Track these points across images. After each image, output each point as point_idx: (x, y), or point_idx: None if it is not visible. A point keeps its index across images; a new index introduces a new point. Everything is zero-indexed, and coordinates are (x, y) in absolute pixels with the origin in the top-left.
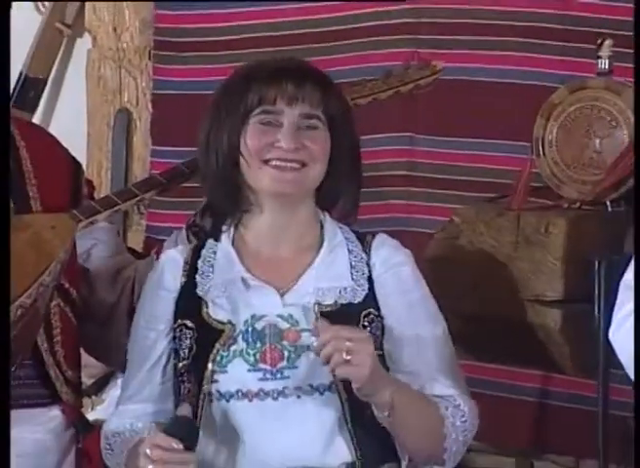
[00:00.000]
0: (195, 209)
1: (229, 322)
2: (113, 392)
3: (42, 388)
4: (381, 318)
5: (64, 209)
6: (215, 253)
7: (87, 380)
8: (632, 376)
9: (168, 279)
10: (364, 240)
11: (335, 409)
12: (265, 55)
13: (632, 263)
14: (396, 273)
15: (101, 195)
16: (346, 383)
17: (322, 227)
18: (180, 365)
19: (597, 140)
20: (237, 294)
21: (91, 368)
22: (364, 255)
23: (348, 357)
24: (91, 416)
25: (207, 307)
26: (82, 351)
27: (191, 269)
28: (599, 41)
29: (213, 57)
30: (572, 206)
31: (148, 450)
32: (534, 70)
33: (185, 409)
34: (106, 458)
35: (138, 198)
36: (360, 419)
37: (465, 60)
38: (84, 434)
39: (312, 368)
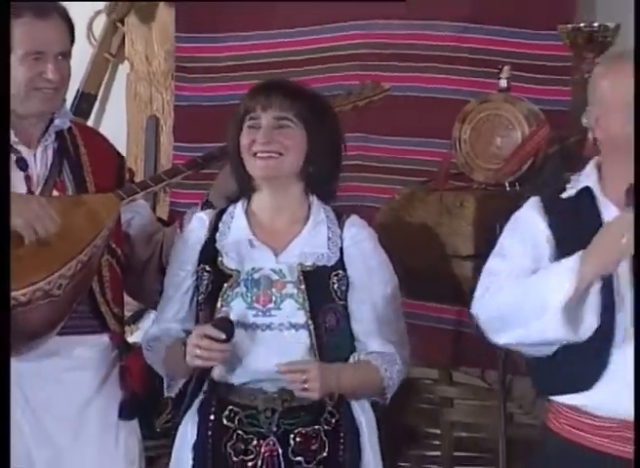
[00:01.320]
0: (207, 189)
1: (236, 270)
2: (147, 322)
3: (95, 320)
4: (347, 277)
5: (111, 190)
6: (232, 218)
7: (127, 314)
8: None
9: (196, 233)
10: (340, 219)
11: (305, 341)
12: (256, 77)
13: (495, 252)
14: (360, 247)
15: (138, 180)
16: (314, 324)
17: (309, 206)
18: (200, 298)
19: (499, 139)
20: (244, 251)
21: (129, 305)
22: (338, 231)
23: (305, 385)
24: (130, 340)
25: (221, 257)
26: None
27: (214, 228)
28: (500, 67)
29: (217, 78)
30: (480, 187)
31: (197, 339)
32: (452, 88)
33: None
34: (147, 358)
35: (165, 182)
36: (323, 349)
37: (401, 81)
38: (125, 354)
39: (292, 310)
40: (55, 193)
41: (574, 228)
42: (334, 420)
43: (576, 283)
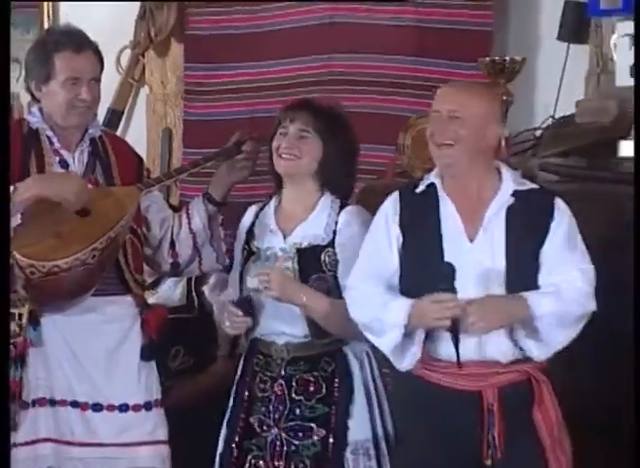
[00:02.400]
0: (207, 184)
1: (258, 248)
2: (163, 287)
3: (121, 284)
4: (336, 255)
5: (133, 184)
6: (269, 207)
7: (148, 279)
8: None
9: (246, 219)
10: (342, 208)
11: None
12: (247, 97)
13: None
14: (349, 230)
15: (154, 176)
16: None
17: (319, 200)
18: (240, 268)
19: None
20: (266, 234)
21: (148, 273)
22: (336, 218)
23: (266, 285)
24: (149, 301)
25: (254, 239)
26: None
27: (256, 216)
28: (434, 90)
29: (217, 99)
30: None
31: (224, 314)
32: (397, 107)
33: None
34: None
35: (175, 177)
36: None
37: (357, 101)
38: (145, 310)
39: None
40: (89, 186)
41: (417, 220)
42: (330, 368)
43: (401, 331)
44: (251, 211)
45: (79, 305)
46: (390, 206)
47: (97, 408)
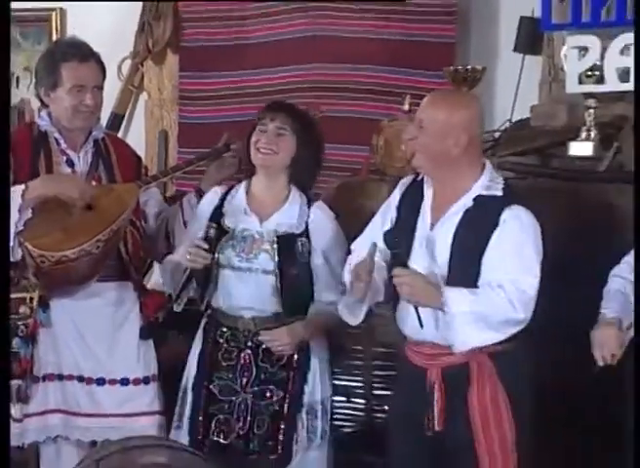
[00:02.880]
0: (199, 180)
1: (231, 228)
2: (155, 270)
3: (121, 272)
4: (310, 244)
5: (133, 181)
6: (237, 192)
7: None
8: None
9: (210, 200)
10: (310, 202)
11: (273, 283)
12: (236, 103)
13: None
14: (321, 224)
15: (152, 174)
16: (280, 272)
17: (289, 191)
18: (211, 244)
19: (402, 146)
20: (240, 216)
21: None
22: (307, 210)
23: (279, 348)
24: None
25: (224, 219)
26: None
27: (223, 198)
28: (404, 96)
29: (208, 104)
30: (390, 178)
31: (190, 248)
32: (371, 111)
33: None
34: (162, 277)
35: (170, 175)
36: (285, 290)
37: (334, 106)
38: (143, 294)
39: (265, 260)
40: (93, 183)
41: (408, 204)
42: None
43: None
44: (215, 192)
45: (84, 290)
46: (397, 191)
47: (100, 382)
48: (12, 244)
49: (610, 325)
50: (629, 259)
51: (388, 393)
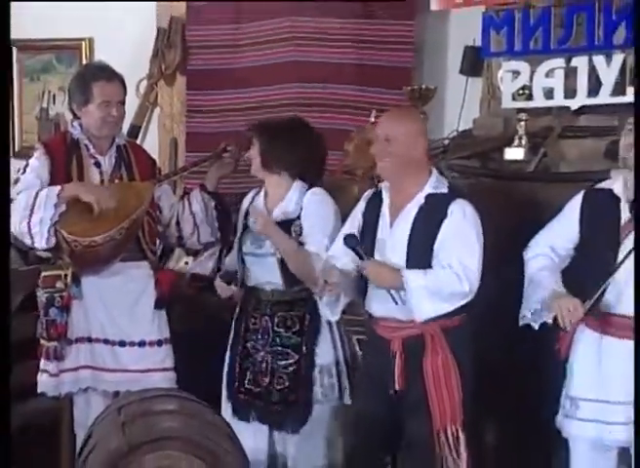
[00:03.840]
0: (202, 179)
1: (249, 224)
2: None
3: (140, 253)
4: (300, 225)
5: (149, 179)
6: (260, 193)
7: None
8: None
9: (244, 204)
10: (307, 192)
11: (276, 262)
12: (233, 116)
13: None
14: (310, 206)
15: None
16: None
17: (291, 186)
18: (237, 240)
19: (371, 150)
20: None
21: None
22: (303, 197)
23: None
24: (190, 267)
25: (248, 217)
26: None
27: (250, 201)
28: (370, 111)
29: (210, 116)
30: (360, 178)
31: (216, 285)
32: (344, 122)
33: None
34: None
35: (179, 174)
36: (284, 267)
37: (315, 119)
38: (157, 273)
39: (269, 246)
40: (116, 181)
41: (370, 209)
42: (302, 310)
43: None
44: (248, 196)
45: (109, 269)
46: (362, 201)
47: (122, 344)
48: (47, 233)
49: (567, 296)
50: (546, 236)
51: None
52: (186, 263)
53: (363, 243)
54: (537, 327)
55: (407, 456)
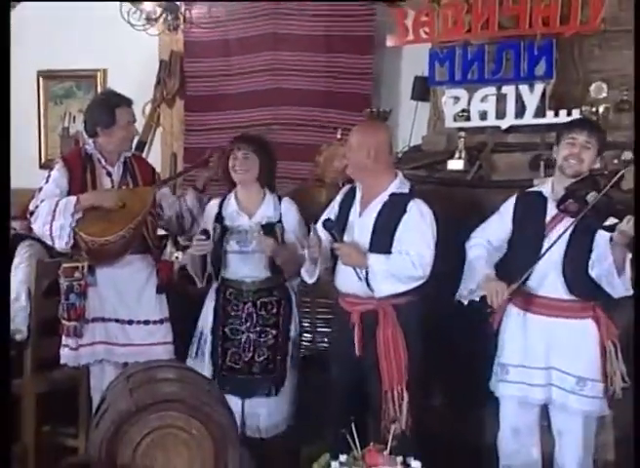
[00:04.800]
0: (194, 180)
1: (231, 226)
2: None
3: (145, 247)
4: (283, 228)
5: (150, 185)
6: (229, 200)
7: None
8: None
9: (212, 208)
10: (280, 199)
11: (263, 259)
12: (225, 133)
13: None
14: (289, 213)
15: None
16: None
17: (265, 194)
18: (216, 240)
19: (336, 162)
20: (234, 216)
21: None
22: (279, 205)
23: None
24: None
25: (224, 220)
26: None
27: (220, 206)
28: (337, 129)
29: (204, 134)
30: (327, 184)
31: (194, 241)
32: (316, 139)
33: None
34: (189, 266)
35: (174, 178)
36: (271, 261)
37: (293, 136)
38: (158, 263)
39: (256, 244)
40: (123, 187)
41: (345, 201)
42: (279, 295)
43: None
44: (214, 202)
45: (120, 261)
46: (340, 195)
47: (130, 322)
48: (67, 237)
49: (496, 280)
50: (483, 231)
51: (328, 330)
52: (177, 258)
53: (337, 227)
54: (465, 303)
55: (365, 410)
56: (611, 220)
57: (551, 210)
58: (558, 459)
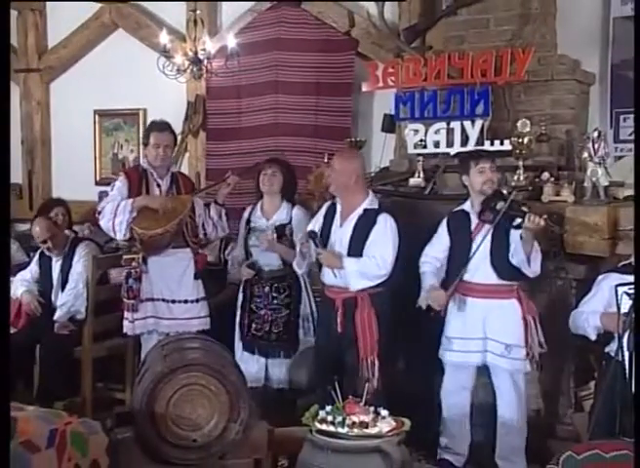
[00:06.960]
0: (215, 196)
1: (253, 226)
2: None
3: (184, 242)
4: (292, 228)
5: (189, 194)
6: (257, 207)
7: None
8: None
9: (245, 215)
10: (293, 206)
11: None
12: (240, 158)
13: None
14: (297, 218)
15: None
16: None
17: (281, 203)
18: (244, 237)
19: (323, 180)
20: (257, 219)
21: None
22: (291, 211)
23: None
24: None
25: (251, 222)
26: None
27: (250, 212)
28: (325, 155)
29: (223, 158)
30: (317, 198)
31: (243, 270)
32: (309, 161)
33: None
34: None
35: (205, 190)
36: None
37: (292, 160)
38: (195, 255)
39: (258, 241)
40: (169, 195)
41: (328, 214)
42: (290, 280)
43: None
44: (247, 209)
45: (165, 252)
46: (323, 209)
47: (173, 302)
48: (125, 230)
49: (438, 289)
50: (430, 249)
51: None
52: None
53: (321, 237)
54: (424, 307)
55: (345, 374)
56: (517, 221)
57: (474, 221)
58: (499, 409)
